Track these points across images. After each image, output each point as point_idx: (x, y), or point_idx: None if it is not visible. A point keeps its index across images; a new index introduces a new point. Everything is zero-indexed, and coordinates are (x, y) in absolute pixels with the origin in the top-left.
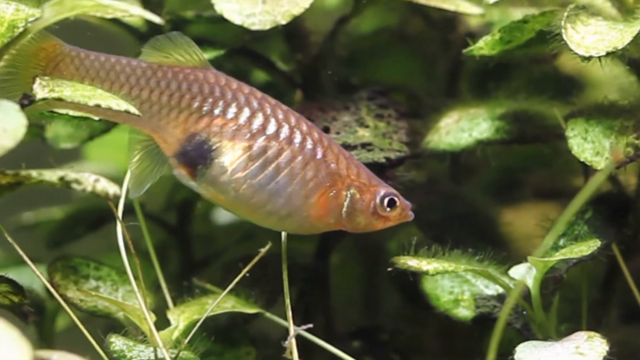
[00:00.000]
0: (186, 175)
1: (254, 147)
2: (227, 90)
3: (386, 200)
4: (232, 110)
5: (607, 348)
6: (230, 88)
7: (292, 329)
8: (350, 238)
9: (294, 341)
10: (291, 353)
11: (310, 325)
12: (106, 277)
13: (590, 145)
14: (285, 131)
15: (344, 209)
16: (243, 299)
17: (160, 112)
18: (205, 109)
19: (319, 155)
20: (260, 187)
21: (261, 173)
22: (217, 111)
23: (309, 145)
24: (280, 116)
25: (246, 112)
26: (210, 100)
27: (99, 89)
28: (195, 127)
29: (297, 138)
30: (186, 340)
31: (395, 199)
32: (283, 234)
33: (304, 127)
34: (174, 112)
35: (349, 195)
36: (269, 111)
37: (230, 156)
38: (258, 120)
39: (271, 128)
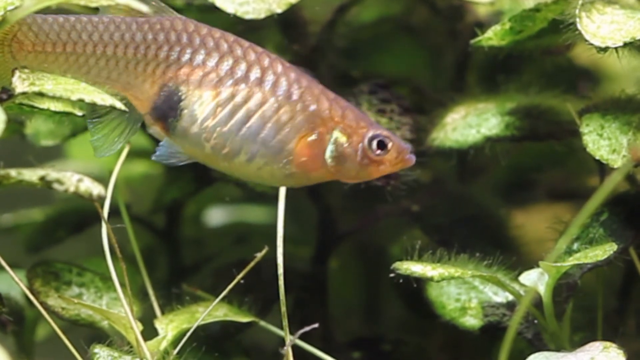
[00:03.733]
0: (161, 131)
1: (222, 93)
2: (195, 36)
3: (375, 142)
4: (199, 57)
5: (624, 359)
6: (199, 34)
7: (289, 339)
8: (350, 242)
9: (290, 351)
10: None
11: (308, 328)
12: (89, 283)
13: (607, 142)
14: (255, 73)
15: (328, 154)
16: (236, 306)
17: (128, 67)
18: (172, 57)
19: (295, 97)
20: (231, 135)
21: (231, 119)
22: (184, 59)
23: (282, 86)
24: (252, 58)
25: (214, 57)
26: (177, 48)
27: (64, 52)
28: (163, 78)
29: (269, 80)
30: (175, 351)
31: (386, 140)
32: (278, 236)
33: (279, 68)
34: (141, 65)
35: (332, 139)
36: (239, 53)
37: (198, 104)
38: (226, 65)
39: (240, 71)
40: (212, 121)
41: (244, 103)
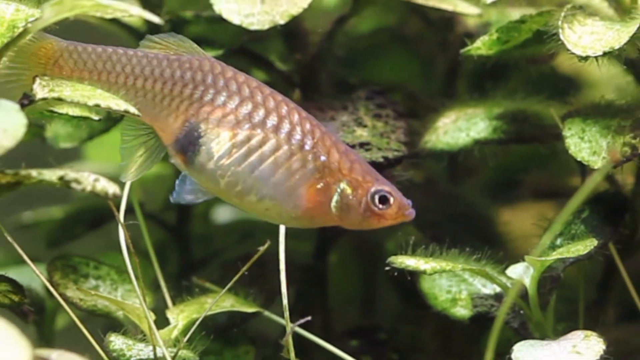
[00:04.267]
0: (181, 163)
1: (239, 135)
2: (220, 78)
3: (377, 197)
4: (221, 98)
5: (604, 347)
6: (224, 76)
7: (289, 328)
8: (348, 237)
9: (290, 339)
10: (288, 351)
11: (303, 320)
12: (105, 276)
13: (588, 145)
14: (272, 120)
15: (333, 204)
16: (242, 298)
17: (155, 100)
18: (196, 95)
19: (307, 147)
20: (244, 175)
21: (244, 161)
22: (207, 98)
23: (297, 135)
24: (271, 105)
25: (235, 100)
26: (201, 87)
27: (99, 81)
28: (185, 114)
29: (285, 127)
30: (185, 339)
31: (388, 195)
32: (281, 233)
33: (295, 117)
34: (167, 99)
35: (338, 190)
36: (259, 99)
37: (216, 143)
38: (245, 108)
39: (258, 116)
40: (227, 160)
41: (258, 147)
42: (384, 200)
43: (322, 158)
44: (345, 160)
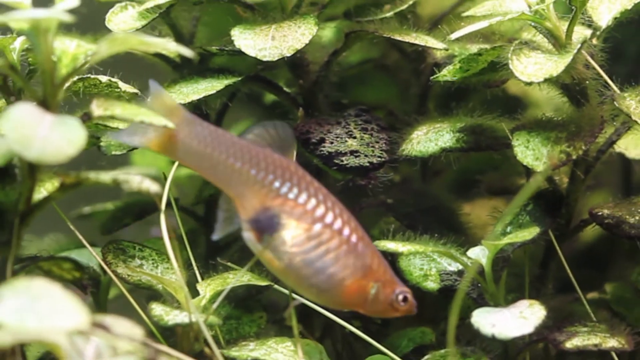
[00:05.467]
0: (253, 238)
1: (313, 230)
2: (302, 182)
3: (401, 297)
4: (302, 198)
5: (545, 313)
6: (305, 180)
7: (292, 298)
8: None
9: (293, 308)
10: (291, 317)
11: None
12: (148, 256)
13: (531, 152)
14: (338, 223)
15: (370, 297)
16: (257, 274)
17: (247, 183)
18: (282, 190)
19: (360, 249)
20: (310, 262)
21: (313, 251)
22: (291, 195)
23: (353, 239)
24: (337, 212)
25: (312, 202)
26: (287, 184)
27: (203, 153)
28: (271, 202)
29: (346, 231)
30: (213, 307)
31: (408, 296)
32: None
33: (352, 224)
34: (257, 185)
35: (375, 287)
36: (329, 204)
37: (294, 232)
38: (320, 210)
39: (328, 219)
40: (298, 249)
41: (326, 242)
42: (405, 299)
43: (367, 259)
44: (381, 265)
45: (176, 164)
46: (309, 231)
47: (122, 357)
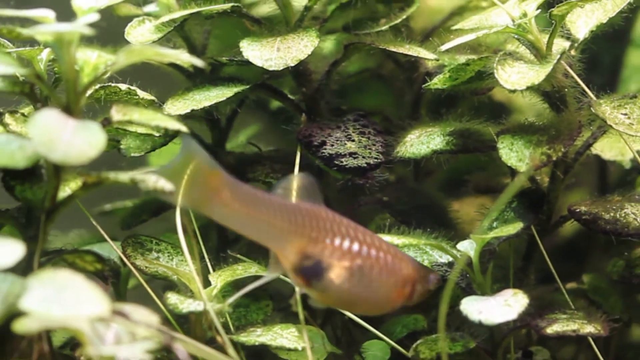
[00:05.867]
0: (302, 284)
1: (354, 266)
2: (334, 225)
3: (434, 282)
4: (337, 240)
5: (527, 301)
6: (336, 222)
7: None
8: None
9: (298, 296)
10: (296, 304)
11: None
12: (164, 250)
13: (515, 154)
14: (373, 252)
15: (411, 295)
16: (264, 265)
17: (287, 237)
18: (319, 238)
19: (394, 264)
20: (357, 293)
21: (359, 283)
22: (327, 240)
23: (388, 259)
24: (368, 240)
25: (347, 241)
26: (323, 231)
27: (246, 211)
28: (312, 250)
29: (381, 255)
30: (223, 296)
31: (437, 277)
32: None
33: (379, 244)
34: (297, 238)
35: (413, 286)
36: (360, 238)
37: (338, 272)
38: (355, 246)
39: (364, 251)
40: (345, 285)
41: (367, 273)
42: (437, 281)
43: (404, 271)
44: (412, 265)
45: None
46: (350, 268)
47: (140, 342)
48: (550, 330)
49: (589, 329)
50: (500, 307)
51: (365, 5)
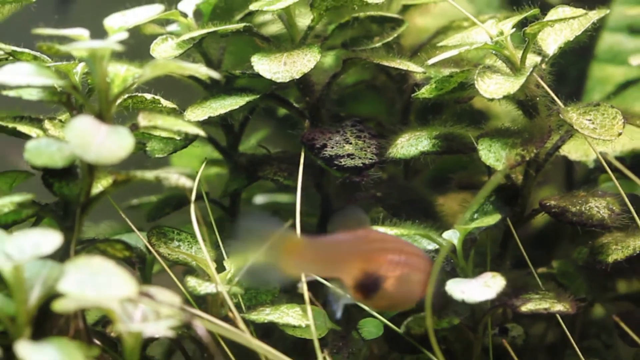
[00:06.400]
0: (360, 297)
1: (401, 275)
2: (383, 243)
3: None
4: (383, 255)
5: (504, 283)
6: (383, 240)
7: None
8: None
9: (304, 283)
10: (301, 287)
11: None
12: (184, 239)
13: (493, 155)
14: (410, 259)
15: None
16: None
17: (351, 265)
18: (375, 257)
19: (423, 266)
20: (402, 296)
21: (404, 288)
22: (380, 257)
23: (416, 261)
24: (405, 249)
25: (390, 254)
26: (377, 251)
27: (324, 259)
28: (370, 269)
29: (412, 260)
30: (236, 279)
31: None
32: (297, 212)
33: (412, 249)
34: (358, 263)
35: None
36: (399, 248)
37: (390, 283)
38: (396, 257)
39: (404, 260)
40: (395, 291)
41: (409, 279)
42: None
43: (427, 267)
44: (427, 261)
45: (203, 165)
46: (399, 277)
47: (164, 320)
48: (525, 308)
49: (558, 307)
50: (480, 288)
51: (361, 25)
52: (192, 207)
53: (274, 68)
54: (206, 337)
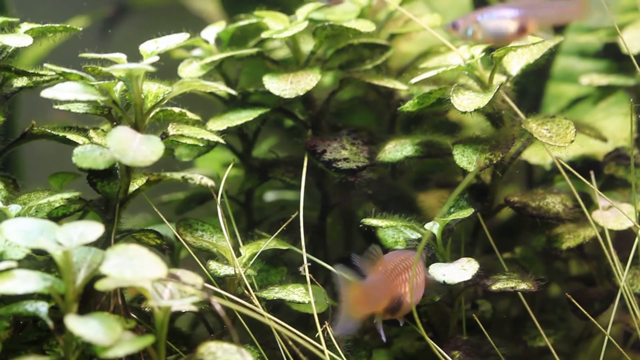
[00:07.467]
0: (385, 316)
1: (416, 290)
2: (401, 267)
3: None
4: (405, 276)
5: (478, 267)
6: (400, 265)
7: (305, 259)
8: (337, 209)
9: (306, 265)
10: (304, 270)
11: (304, 266)
12: (207, 229)
13: (466, 159)
14: (417, 274)
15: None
16: (280, 240)
17: (385, 296)
18: (399, 283)
19: (422, 277)
20: (400, 297)
21: (416, 299)
22: (401, 280)
23: (421, 275)
24: (411, 263)
25: (407, 273)
26: (399, 277)
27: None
28: (397, 292)
29: (419, 274)
30: (250, 263)
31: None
32: (300, 207)
33: (418, 269)
34: (390, 292)
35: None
36: (409, 264)
37: (408, 299)
38: (408, 275)
39: (408, 272)
40: (409, 300)
41: (419, 287)
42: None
43: (423, 277)
44: (421, 267)
45: (230, 167)
46: (414, 292)
47: (189, 297)
48: (495, 287)
49: (522, 286)
50: (458, 271)
51: (355, 50)
52: (218, 203)
53: (282, 86)
54: (221, 311)
